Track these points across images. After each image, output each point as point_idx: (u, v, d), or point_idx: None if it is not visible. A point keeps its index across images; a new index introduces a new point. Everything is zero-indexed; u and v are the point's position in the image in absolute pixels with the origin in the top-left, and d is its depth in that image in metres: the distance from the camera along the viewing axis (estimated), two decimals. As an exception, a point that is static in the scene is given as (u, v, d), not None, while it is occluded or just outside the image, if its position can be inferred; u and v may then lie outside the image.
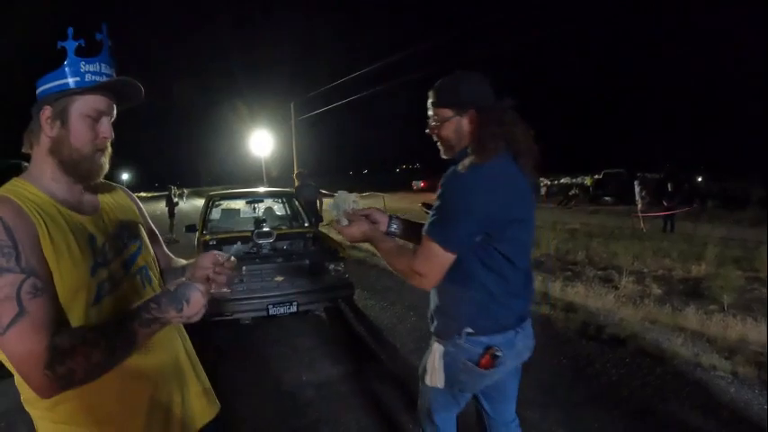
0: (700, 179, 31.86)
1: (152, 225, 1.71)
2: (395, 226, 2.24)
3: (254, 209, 8.14)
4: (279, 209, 8.58)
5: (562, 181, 39.52)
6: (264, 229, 6.27)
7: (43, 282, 1.17)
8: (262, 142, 34.22)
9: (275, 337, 5.69)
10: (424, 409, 2.35)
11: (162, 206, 22.75)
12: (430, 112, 2.03)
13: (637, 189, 16.20)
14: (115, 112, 1.41)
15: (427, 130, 2.07)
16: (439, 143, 2.07)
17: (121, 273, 1.39)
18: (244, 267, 5.53)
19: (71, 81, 1.30)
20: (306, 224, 7.39)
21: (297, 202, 8.03)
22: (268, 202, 8.51)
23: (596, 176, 32.74)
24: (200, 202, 23.64)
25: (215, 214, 7.94)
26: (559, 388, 4.13)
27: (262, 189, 9.97)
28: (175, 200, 18.14)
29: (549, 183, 39.19)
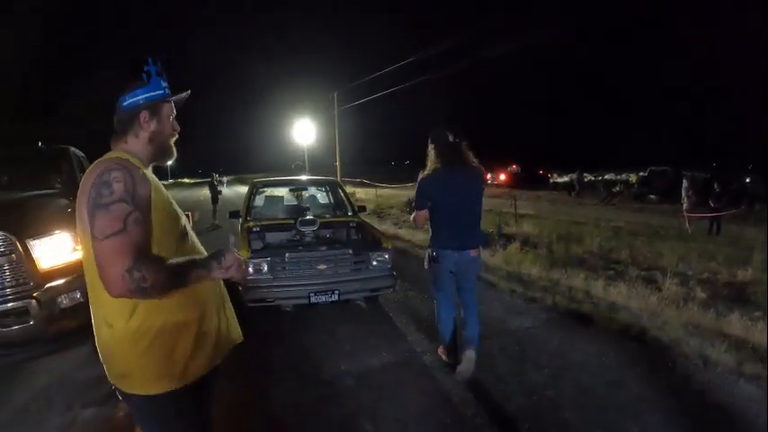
0: (748, 180, 30.85)
1: None
2: None
3: (298, 196, 8.20)
4: (322, 197, 8.63)
5: (606, 177, 38.81)
6: (308, 217, 6.35)
7: (144, 218, 1.65)
8: (305, 131, 34.47)
9: (316, 324, 5.79)
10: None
11: (205, 192, 23.15)
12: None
13: (684, 187, 15.71)
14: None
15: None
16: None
17: (187, 226, 1.94)
18: (287, 254, 5.60)
19: (159, 93, 1.90)
20: (349, 213, 7.44)
21: (340, 191, 8.11)
22: (311, 190, 8.57)
23: (642, 173, 32.12)
24: (243, 189, 23.96)
25: (258, 201, 8.03)
26: (600, 390, 4.10)
27: (305, 177, 10.05)
28: (219, 187, 18.32)
29: (591, 178, 38.59)
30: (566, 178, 42.22)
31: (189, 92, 2.05)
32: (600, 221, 15.59)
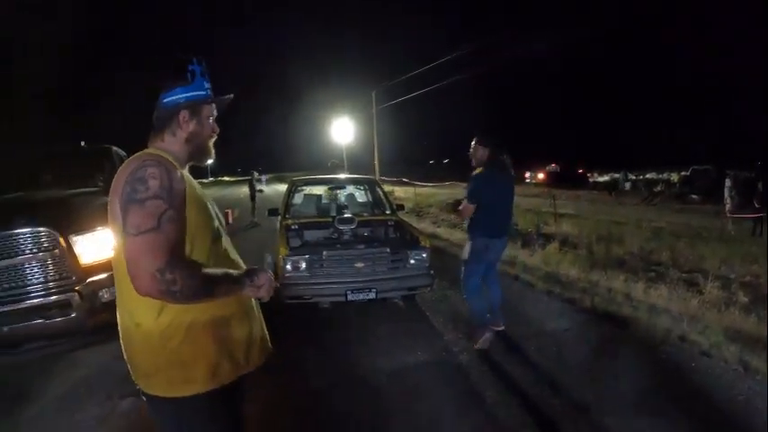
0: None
1: None
2: None
3: (336, 195, 8.30)
4: (360, 195, 8.71)
5: (648, 176, 37.98)
6: (346, 215, 6.43)
7: (178, 217, 1.66)
8: (343, 130, 34.57)
9: (352, 322, 5.87)
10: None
11: (245, 190, 23.45)
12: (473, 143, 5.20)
13: (727, 187, 15.10)
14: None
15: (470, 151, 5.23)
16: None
17: (222, 226, 1.94)
18: (324, 252, 5.68)
19: (201, 93, 1.90)
20: (387, 211, 7.50)
21: (378, 189, 8.17)
22: (350, 189, 8.66)
23: (684, 173, 31.38)
24: (282, 187, 24.22)
25: (297, 199, 8.16)
26: (637, 394, 4.07)
27: (344, 175, 10.11)
28: (257, 186, 18.47)
29: (633, 177, 37.83)
30: (606, 177, 41.46)
31: (232, 95, 2.03)
32: (641, 222, 15.30)
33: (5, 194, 5.36)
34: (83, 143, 6.69)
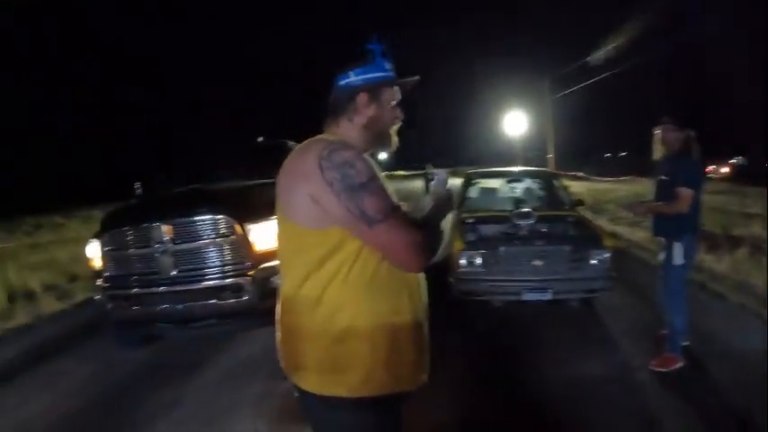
0: None
1: None
2: None
3: (513, 188, 7.97)
4: (539, 189, 8.22)
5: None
6: (524, 210, 6.08)
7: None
8: (516, 122, 33.96)
9: (525, 324, 5.54)
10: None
11: (419, 184, 23.86)
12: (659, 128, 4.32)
13: None
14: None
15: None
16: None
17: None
18: (501, 248, 5.42)
19: (382, 75, 1.74)
20: (566, 207, 7.02)
21: (557, 183, 7.71)
22: (527, 182, 8.21)
23: None
24: (455, 182, 24.36)
25: (473, 193, 7.95)
26: None
27: (520, 168, 9.81)
28: (431, 179, 18.68)
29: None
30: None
31: (418, 77, 1.83)
32: None
33: (191, 185, 5.99)
34: (260, 138, 7.13)
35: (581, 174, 31.95)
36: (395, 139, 1.85)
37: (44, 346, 6.08)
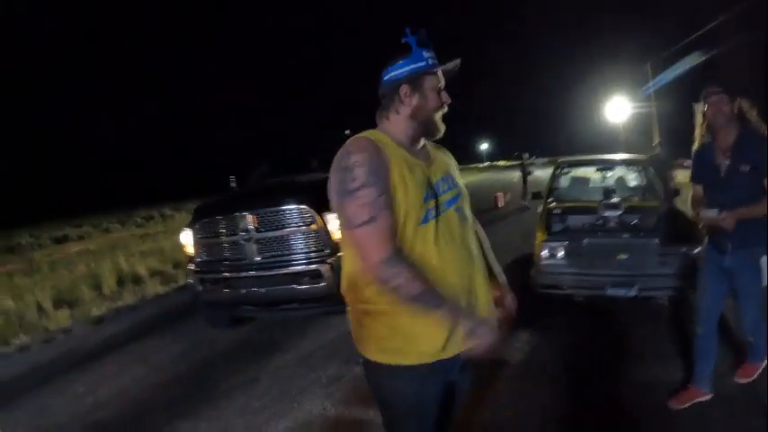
0: None
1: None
2: None
3: (604, 177, 7.64)
4: (632, 178, 7.71)
5: None
6: (612, 200, 5.80)
7: (388, 201, 1.65)
8: (618, 109, 32.62)
9: (607, 322, 5.24)
10: None
11: (517, 174, 23.39)
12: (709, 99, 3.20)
13: None
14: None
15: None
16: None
17: (444, 206, 1.82)
18: (585, 240, 5.20)
19: (420, 65, 1.80)
20: (661, 197, 6.54)
21: (653, 172, 7.32)
22: (620, 171, 7.78)
23: None
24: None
25: (563, 182, 7.67)
26: None
27: (614, 156, 9.29)
28: (531, 168, 18.25)
29: None
30: None
31: (458, 61, 1.93)
32: None
33: (281, 177, 6.41)
34: (347, 131, 7.28)
35: (687, 162, 29.98)
36: (441, 126, 1.91)
37: (144, 325, 6.76)
